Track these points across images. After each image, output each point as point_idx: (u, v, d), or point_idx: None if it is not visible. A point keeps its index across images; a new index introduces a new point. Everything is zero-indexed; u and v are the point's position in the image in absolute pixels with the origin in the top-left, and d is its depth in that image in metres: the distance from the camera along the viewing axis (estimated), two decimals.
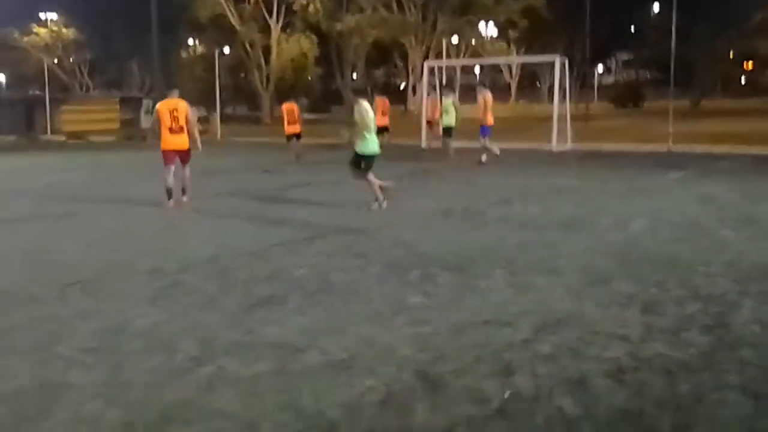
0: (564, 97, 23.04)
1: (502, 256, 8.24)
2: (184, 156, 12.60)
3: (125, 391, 4.71)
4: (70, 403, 4.54)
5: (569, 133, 22.67)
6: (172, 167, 12.39)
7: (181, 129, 12.46)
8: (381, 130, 20.96)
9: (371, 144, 11.66)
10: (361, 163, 11.66)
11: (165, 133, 12.41)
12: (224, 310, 6.39)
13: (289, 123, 20.23)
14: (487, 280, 7.26)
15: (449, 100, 19.77)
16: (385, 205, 11.66)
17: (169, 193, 12.40)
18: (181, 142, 12.44)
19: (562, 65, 22.48)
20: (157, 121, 12.51)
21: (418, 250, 8.62)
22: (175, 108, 12.46)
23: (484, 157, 18.60)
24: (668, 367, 4.94)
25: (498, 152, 18.60)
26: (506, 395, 4.56)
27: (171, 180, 12.37)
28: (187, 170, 12.76)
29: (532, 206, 11.84)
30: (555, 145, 21.97)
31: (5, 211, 12.13)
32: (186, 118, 12.55)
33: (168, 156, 12.40)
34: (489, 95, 19.22)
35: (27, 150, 23.80)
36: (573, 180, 14.91)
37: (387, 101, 22.04)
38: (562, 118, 22.54)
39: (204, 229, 10.36)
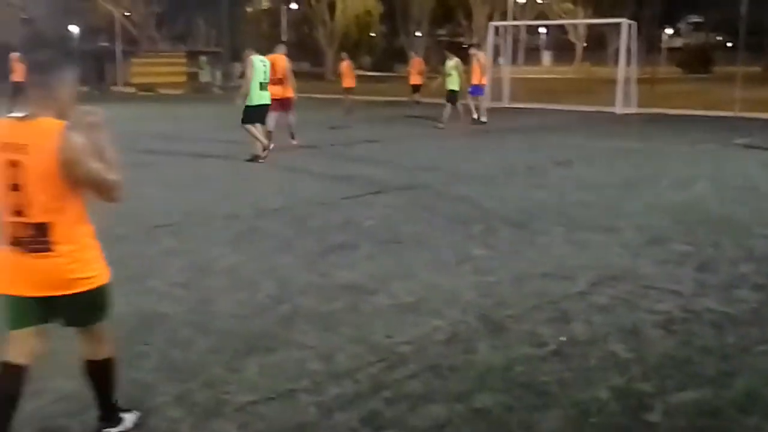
0: (630, 60, 22.88)
1: (562, 214, 8.54)
2: (285, 103, 13.94)
3: (213, 321, 5.19)
4: (165, 329, 5.04)
5: (634, 97, 22.56)
6: (274, 114, 13.60)
7: (280, 81, 13.75)
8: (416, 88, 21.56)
9: (256, 97, 12.48)
10: (246, 114, 12.50)
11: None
12: (299, 254, 6.84)
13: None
14: (547, 236, 7.58)
15: (452, 62, 18.54)
16: (264, 155, 12.48)
17: (269, 137, 13.43)
18: (282, 92, 13.78)
19: (629, 28, 22.31)
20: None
21: (481, 205, 8.96)
22: (275, 61, 13.54)
23: (476, 115, 19.07)
24: (717, 321, 5.24)
25: (483, 118, 18.90)
26: (562, 339, 4.92)
27: (272, 125, 13.62)
28: (291, 116, 14.27)
29: (594, 167, 12.06)
30: (619, 107, 21.91)
31: None
32: (284, 71, 13.89)
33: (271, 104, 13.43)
34: (483, 57, 19.53)
35: (99, 101, 24.52)
36: (636, 142, 15.02)
37: (423, 61, 23.21)
38: (627, 81, 22.45)
39: (275, 181, 10.84)
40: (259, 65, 12.61)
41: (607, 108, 21.79)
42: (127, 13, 62.53)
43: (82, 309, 3.52)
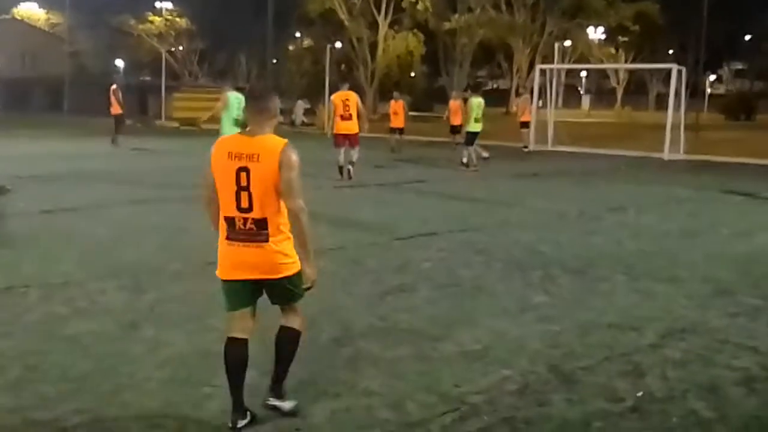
0: (678, 105, 22.66)
1: (621, 262, 8.35)
2: (353, 139, 14.36)
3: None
4: None
5: (682, 142, 22.30)
6: (342, 149, 14.50)
7: (351, 116, 14.54)
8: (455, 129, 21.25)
9: (228, 131, 12.43)
10: None
11: (337, 120, 14.59)
12: (358, 296, 6.72)
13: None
14: (608, 284, 7.40)
15: (478, 99, 17.90)
16: None
17: (341, 171, 14.51)
18: (351, 127, 14.31)
19: (679, 73, 22.14)
20: (333, 109, 14.70)
21: (537, 250, 8.80)
22: (347, 98, 14.59)
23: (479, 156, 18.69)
24: None
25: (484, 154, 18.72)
26: (639, 394, 4.72)
27: (342, 159, 14.51)
28: (355, 152, 14.65)
29: (648, 214, 11.85)
30: (667, 153, 21.66)
31: (138, 191, 12.80)
32: (356, 106, 14.60)
33: (339, 139, 14.55)
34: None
35: (144, 134, 24.84)
36: (688, 189, 14.74)
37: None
38: (674, 126, 22.21)
39: (327, 220, 10.74)
40: (234, 101, 12.99)
41: (654, 153, 21.55)
42: (171, 49, 63.60)
43: (284, 289, 4.20)
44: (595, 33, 57.57)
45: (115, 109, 23.16)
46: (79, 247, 8.52)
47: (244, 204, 3.95)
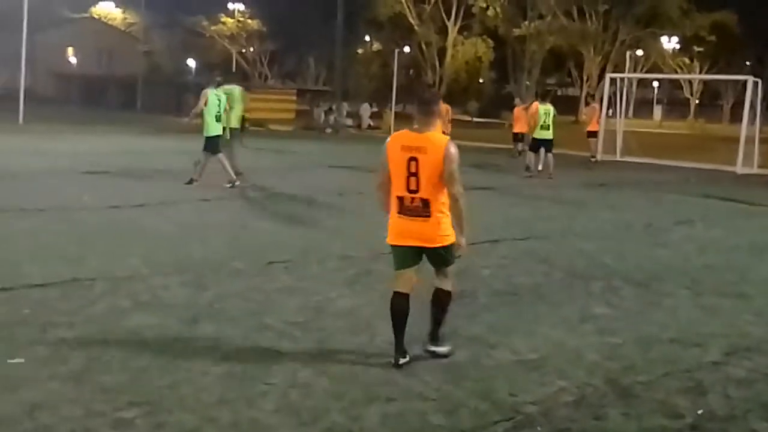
0: (753, 118, 22.07)
1: (686, 276, 8.17)
2: None
3: (332, 364, 5.09)
4: (284, 369, 4.96)
5: (756, 156, 21.70)
6: None
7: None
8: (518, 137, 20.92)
9: (212, 128, 13.18)
10: (207, 145, 13.22)
11: None
12: (415, 301, 6.68)
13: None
14: (673, 299, 7.24)
15: (546, 107, 17.91)
16: (230, 185, 13.15)
17: None
18: None
19: (755, 85, 21.57)
20: None
21: (600, 261, 8.66)
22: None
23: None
24: None
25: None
26: (699, 412, 4.61)
27: None
28: None
29: (718, 228, 11.57)
30: (740, 167, 21.11)
31: (204, 190, 12.98)
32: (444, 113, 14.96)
33: None
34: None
35: None
36: (760, 204, 14.32)
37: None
38: (749, 139, 21.64)
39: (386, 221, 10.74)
40: (214, 99, 13.21)
41: (726, 167, 21.03)
42: (242, 50, 64.50)
43: (440, 256, 5.17)
44: (669, 42, 56.49)
45: None
46: (145, 242, 8.69)
47: (413, 186, 4.98)
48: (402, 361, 5.07)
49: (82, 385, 4.56)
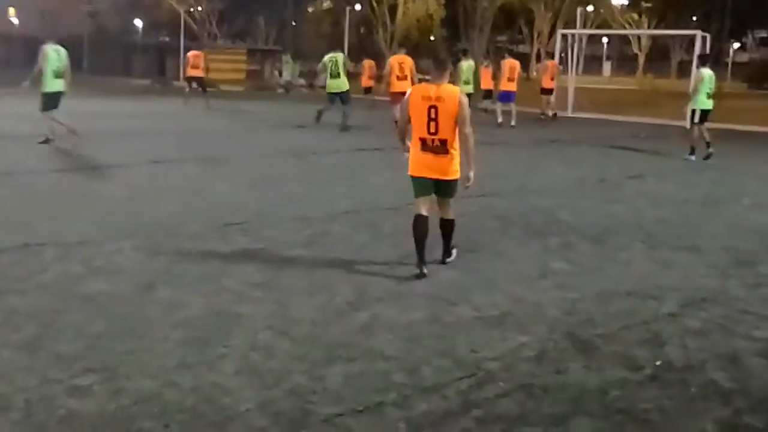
0: None
1: (640, 230, 8.25)
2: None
3: (293, 325, 5.04)
4: (244, 331, 4.90)
5: None
6: (395, 105, 15.61)
7: (406, 77, 16.57)
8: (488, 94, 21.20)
9: (50, 84, 13.12)
10: (44, 101, 13.12)
11: (394, 80, 16.67)
12: (374, 260, 6.67)
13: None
14: (628, 253, 7.32)
15: (470, 62, 19.84)
16: (53, 138, 13.01)
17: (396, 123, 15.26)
18: (406, 86, 14.82)
19: (703, 40, 21.77)
20: (390, 70, 16.76)
21: (556, 218, 8.71)
22: (402, 61, 16.94)
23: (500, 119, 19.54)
24: None
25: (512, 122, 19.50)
26: (658, 363, 4.67)
27: (397, 114, 15.62)
28: None
29: (669, 182, 11.71)
30: (689, 121, 21.33)
31: (157, 152, 12.76)
32: (410, 69, 16.77)
33: (396, 97, 15.45)
34: (509, 63, 20.42)
35: (162, 94, 24.78)
36: (710, 152, 14.46)
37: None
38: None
39: (343, 183, 10.68)
40: (53, 54, 13.17)
41: (676, 121, 21.23)
42: (190, 10, 63.17)
43: (449, 188, 6.34)
44: None
45: (193, 71, 23.36)
46: (96, 206, 8.51)
47: (432, 130, 6.09)
48: (425, 270, 6.14)
49: (36, 353, 4.45)
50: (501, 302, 5.65)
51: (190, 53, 24.20)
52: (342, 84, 17.43)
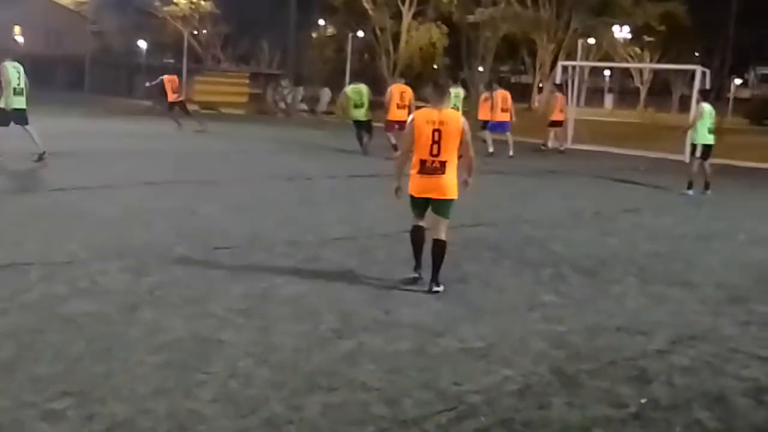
0: None
1: (634, 264, 8.18)
2: (402, 125, 15.05)
3: (274, 353, 4.98)
4: (224, 358, 4.83)
5: None
6: (390, 132, 16.73)
7: (405, 107, 16.86)
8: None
9: (11, 101, 13.11)
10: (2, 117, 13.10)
11: (393, 108, 16.99)
12: (363, 288, 6.62)
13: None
14: (620, 286, 7.25)
15: (458, 89, 19.30)
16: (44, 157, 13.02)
17: (395, 147, 15.41)
18: (404, 115, 15.20)
19: (703, 75, 21.81)
20: (390, 98, 17.10)
21: (549, 249, 8.65)
22: (404, 90, 17.34)
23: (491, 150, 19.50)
24: None
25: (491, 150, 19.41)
26: (643, 401, 4.59)
27: (393, 139, 16.32)
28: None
29: (665, 216, 11.66)
30: (688, 156, 21.33)
31: (152, 173, 12.73)
32: (410, 100, 17.16)
33: (391, 125, 16.77)
34: (500, 94, 20.52)
35: (162, 116, 24.78)
36: (707, 192, 14.44)
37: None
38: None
39: (338, 208, 10.62)
40: (13, 72, 13.12)
41: (675, 155, 21.22)
42: (195, 32, 63.54)
43: (444, 206, 6.66)
44: (621, 32, 56.92)
45: (172, 96, 23.01)
46: (87, 226, 8.46)
47: (435, 152, 6.48)
48: (423, 274, 6.74)
49: (13, 375, 4.39)
50: (487, 334, 5.58)
51: (166, 77, 23.52)
52: (367, 113, 17.94)
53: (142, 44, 60.74)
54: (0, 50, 14.65)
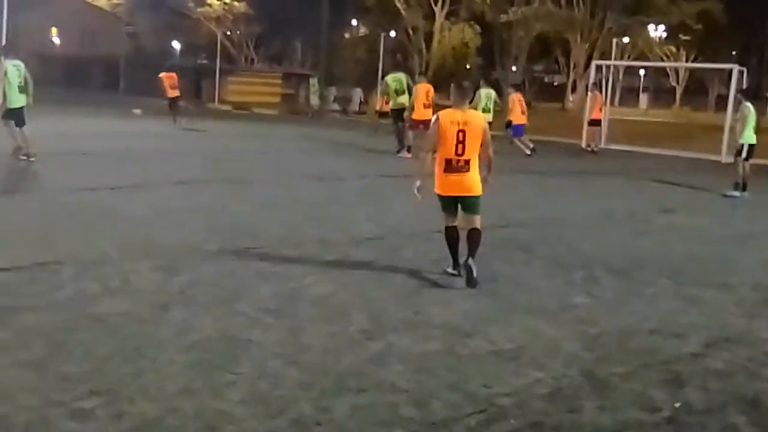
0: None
1: (668, 265, 8.06)
2: (426, 124, 15.01)
3: (303, 353, 4.95)
4: (253, 358, 4.82)
5: None
6: (414, 131, 16.62)
7: (430, 105, 16.83)
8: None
9: (14, 100, 13.02)
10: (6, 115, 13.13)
11: (419, 107, 16.79)
12: (392, 288, 6.58)
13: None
14: (653, 288, 7.14)
15: (488, 90, 18.87)
16: (32, 159, 12.93)
17: (408, 148, 16.76)
18: (429, 114, 15.38)
19: (740, 74, 21.48)
20: (416, 97, 16.87)
21: (581, 250, 8.55)
22: (429, 90, 17.30)
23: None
24: None
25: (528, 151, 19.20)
26: (677, 405, 4.51)
27: (411, 137, 16.74)
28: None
29: (702, 217, 11.49)
30: (725, 156, 21.03)
31: (183, 172, 12.81)
32: (432, 97, 17.23)
33: (416, 123, 16.49)
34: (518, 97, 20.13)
35: (197, 116, 24.97)
36: (744, 193, 14.21)
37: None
38: (734, 128, 21.53)
39: (366, 208, 10.60)
40: (14, 70, 13.08)
41: (712, 155, 20.94)
42: (228, 33, 63.91)
43: (473, 204, 6.90)
44: (656, 31, 56.31)
45: (170, 93, 23.22)
46: (117, 225, 8.51)
47: (459, 151, 6.69)
48: (459, 270, 6.86)
49: (43, 373, 4.41)
50: (518, 336, 5.52)
51: (163, 74, 23.65)
52: (410, 100, 17.39)
53: (176, 45, 61.24)
54: (1, 48, 14.65)
